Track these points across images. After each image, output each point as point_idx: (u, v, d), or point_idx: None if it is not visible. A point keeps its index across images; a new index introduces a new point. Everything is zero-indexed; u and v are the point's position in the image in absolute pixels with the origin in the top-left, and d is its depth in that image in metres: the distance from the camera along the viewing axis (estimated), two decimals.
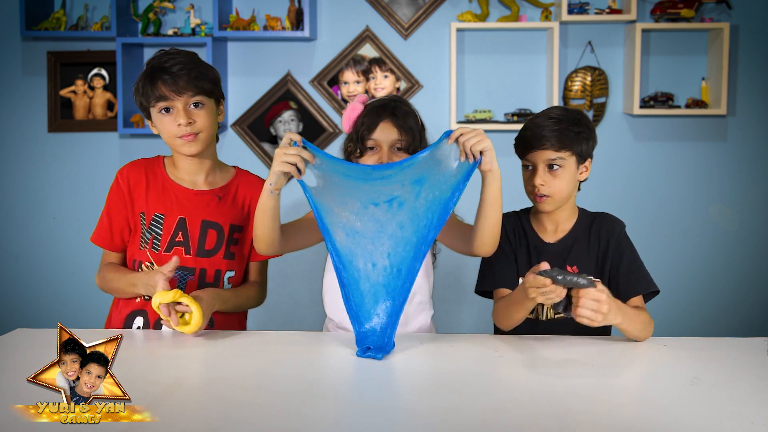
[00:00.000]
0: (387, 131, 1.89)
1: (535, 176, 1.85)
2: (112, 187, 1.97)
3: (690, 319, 3.52)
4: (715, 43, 3.39)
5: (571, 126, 1.84)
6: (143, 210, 1.94)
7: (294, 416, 1.32)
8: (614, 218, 1.96)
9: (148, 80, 1.86)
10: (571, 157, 1.85)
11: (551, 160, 1.84)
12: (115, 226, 1.96)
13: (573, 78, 3.47)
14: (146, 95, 1.87)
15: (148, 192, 1.95)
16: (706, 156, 3.53)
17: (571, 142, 1.84)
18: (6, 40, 3.58)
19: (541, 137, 1.83)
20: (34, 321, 3.47)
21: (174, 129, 1.86)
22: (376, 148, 1.90)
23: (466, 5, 3.51)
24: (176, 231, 1.93)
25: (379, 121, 1.90)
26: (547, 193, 1.85)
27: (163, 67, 1.86)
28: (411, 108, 1.97)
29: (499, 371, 1.57)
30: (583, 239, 1.91)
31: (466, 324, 3.48)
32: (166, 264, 1.79)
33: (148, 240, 1.92)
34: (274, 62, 3.57)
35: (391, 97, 1.98)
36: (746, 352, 1.71)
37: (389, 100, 1.96)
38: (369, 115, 1.92)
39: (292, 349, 1.72)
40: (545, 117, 1.87)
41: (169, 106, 1.86)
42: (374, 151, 1.90)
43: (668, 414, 1.33)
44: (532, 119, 1.90)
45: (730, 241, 3.55)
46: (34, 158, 3.61)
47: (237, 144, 3.59)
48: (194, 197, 1.96)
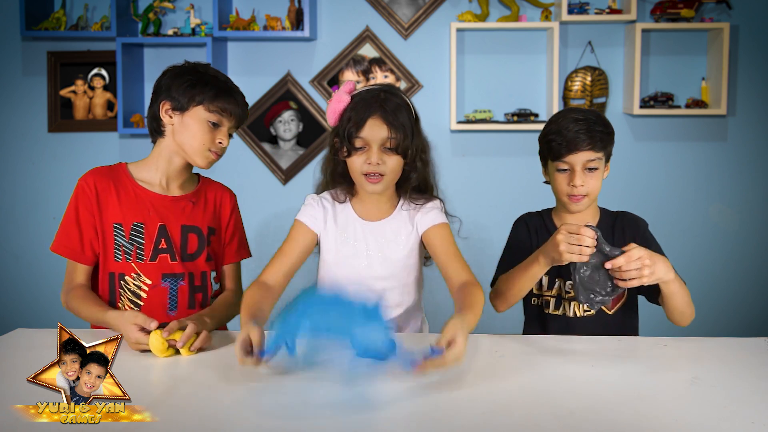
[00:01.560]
0: (376, 129, 1.75)
1: (574, 177, 1.85)
2: (77, 195, 1.91)
3: None
4: (715, 43, 3.39)
5: (600, 126, 1.85)
6: (118, 221, 1.90)
7: (293, 416, 1.32)
8: (637, 217, 1.99)
9: (222, 91, 1.87)
10: (603, 156, 1.87)
11: (590, 162, 1.83)
12: (85, 236, 1.90)
13: (573, 78, 3.47)
14: (208, 100, 1.87)
15: (120, 201, 1.91)
16: (706, 156, 3.53)
17: (604, 142, 1.85)
18: (6, 40, 3.58)
19: (580, 140, 1.82)
20: (34, 321, 3.46)
21: (211, 144, 1.89)
22: (364, 147, 1.77)
23: (466, 5, 3.51)
24: (158, 238, 1.90)
25: (367, 117, 1.75)
26: (585, 193, 1.87)
27: (234, 88, 1.91)
28: (402, 98, 1.82)
29: (499, 371, 1.57)
30: (608, 238, 1.92)
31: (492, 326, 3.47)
32: (143, 318, 1.67)
33: (131, 251, 1.90)
34: (274, 62, 3.57)
35: (381, 87, 1.82)
36: (746, 352, 1.71)
37: (379, 90, 1.80)
38: (356, 109, 1.77)
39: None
40: (572, 120, 1.84)
41: (219, 124, 1.88)
42: (363, 151, 1.77)
43: (668, 414, 1.33)
44: (555, 123, 1.86)
45: (730, 241, 3.55)
46: (34, 158, 3.61)
47: (237, 144, 3.59)
48: (171, 203, 1.94)
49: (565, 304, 1.94)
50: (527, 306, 2.02)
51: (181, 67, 1.93)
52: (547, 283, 1.95)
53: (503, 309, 1.89)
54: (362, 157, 1.77)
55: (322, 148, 3.58)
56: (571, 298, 1.93)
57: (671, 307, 1.79)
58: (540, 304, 1.97)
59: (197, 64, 1.94)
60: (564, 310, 1.94)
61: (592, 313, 1.91)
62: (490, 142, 3.52)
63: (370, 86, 1.84)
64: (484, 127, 3.45)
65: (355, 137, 1.76)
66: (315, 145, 3.59)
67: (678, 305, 1.78)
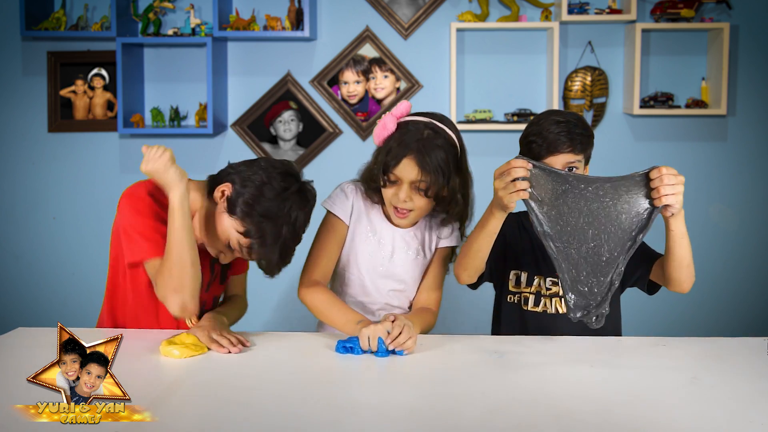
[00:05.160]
0: (409, 169, 1.80)
1: None
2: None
3: (690, 319, 3.52)
4: (715, 43, 3.39)
5: (580, 129, 1.84)
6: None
7: (293, 416, 1.32)
8: None
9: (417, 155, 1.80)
10: (583, 159, 1.86)
11: (570, 164, 1.82)
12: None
13: (573, 78, 3.47)
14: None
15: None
16: (706, 156, 3.53)
17: (584, 145, 1.84)
18: (6, 40, 3.57)
19: (560, 142, 1.81)
20: (34, 321, 3.45)
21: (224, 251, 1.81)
22: (398, 181, 1.83)
23: (466, 5, 3.51)
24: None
25: (403, 157, 1.80)
26: None
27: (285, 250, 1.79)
28: (446, 137, 1.84)
29: (499, 371, 1.57)
30: None
31: (467, 324, 3.47)
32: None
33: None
34: (274, 62, 3.57)
35: (427, 123, 1.84)
36: (746, 352, 1.71)
37: (424, 126, 1.83)
38: (397, 145, 1.81)
39: (291, 349, 1.72)
40: (553, 122, 1.83)
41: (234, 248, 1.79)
42: (395, 185, 1.83)
43: (668, 414, 1.33)
44: (537, 124, 1.86)
45: (730, 241, 3.55)
46: (34, 158, 3.61)
47: (237, 144, 3.59)
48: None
49: (546, 301, 1.92)
50: (503, 304, 1.99)
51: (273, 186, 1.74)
52: (525, 280, 1.95)
53: (465, 276, 1.84)
54: (393, 191, 1.84)
55: (322, 148, 3.58)
56: (552, 295, 1.92)
57: (678, 259, 1.70)
58: (517, 301, 1.96)
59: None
60: (545, 307, 1.93)
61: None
62: (490, 142, 3.52)
63: (418, 118, 1.86)
64: (484, 127, 3.45)
65: (389, 172, 1.82)
66: (315, 145, 3.59)
67: (685, 255, 1.70)
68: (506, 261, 1.96)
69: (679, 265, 1.71)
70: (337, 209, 1.94)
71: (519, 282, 1.95)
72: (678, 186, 1.58)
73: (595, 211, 1.63)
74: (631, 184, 1.63)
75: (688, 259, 1.71)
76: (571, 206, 1.63)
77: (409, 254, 1.96)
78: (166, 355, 1.64)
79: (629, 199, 1.62)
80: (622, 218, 1.62)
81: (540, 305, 1.93)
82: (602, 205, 1.62)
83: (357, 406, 1.38)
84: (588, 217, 1.63)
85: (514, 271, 1.96)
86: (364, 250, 1.95)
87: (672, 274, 1.73)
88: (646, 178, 1.62)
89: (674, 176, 1.58)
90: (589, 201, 1.62)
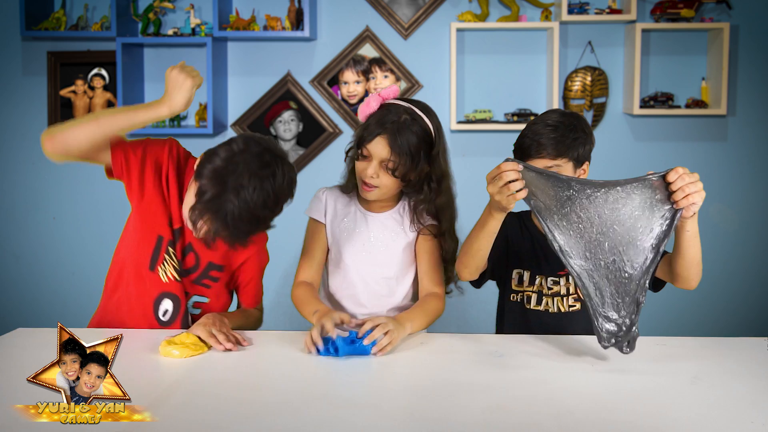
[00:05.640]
0: (380, 147, 1.87)
1: None
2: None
3: (690, 319, 3.52)
4: (715, 43, 3.39)
5: (567, 132, 1.85)
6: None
7: (293, 416, 1.32)
8: None
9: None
10: (567, 162, 1.86)
11: (548, 167, 1.83)
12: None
13: (573, 78, 3.47)
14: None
15: None
16: (706, 156, 3.53)
17: (567, 149, 1.84)
18: (6, 40, 3.58)
19: (539, 145, 1.83)
20: (34, 321, 3.46)
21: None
22: (369, 157, 1.89)
23: (466, 5, 3.51)
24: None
25: (377, 134, 1.87)
26: None
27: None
28: (423, 127, 1.89)
29: (499, 371, 1.57)
30: None
31: (471, 323, 3.47)
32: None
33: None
34: (274, 62, 3.57)
35: (408, 109, 1.90)
36: (746, 352, 1.71)
37: (403, 111, 1.89)
38: (375, 123, 1.88)
39: (291, 349, 1.72)
40: (543, 124, 1.86)
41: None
42: (366, 160, 1.90)
43: (668, 414, 1.33)
44: (530, 125, 1.89)
45: (730, 241, 3.55)
46: (34, 158, 3.61)
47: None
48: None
49: (547, 300, 1.94)
50: (506, 303, 2.00)
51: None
52: (528, 279, 1.96)
53: (466, 273, 1.84)
54: (364, 165, 1.91)
55: (322, 148, 3.58)
56: (554, 294, 1.93)
57: (690, 258, 1.68)
58: (519, 300, 1.97)
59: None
60: (547, 306, 1.94)
61: (578, 308, 1.92)
62: (490, 142, 3.52)
63: (401, 103, 1.92)
64: (484, 127, 3.45)
65: (363, 146, 1.90)
66: (315, 145, 3.59)
67: (697, 254, 1.69)
68: (508, 260, 1.97)
69: (690, 263, 1.70)
70: (314, 212, 2.04)
71: (521, 281, 1.96)
72: (699, 184, 1.57)
73: (607, 221, 1.57)
74: (645, 187, 1.57)
75: (699, 257, 1.71)
76: (580, 215, 1.58)
77: (387, 235, 1.99)
78: (166, 355, 1.64)
79: (643, 204, 1.57)
80: (637, 225, 1.57)
81: (542, 304, 1.94)
82: (614, 211, 1.57)
83: (357, 406, 1.38)
84: (601, 227, 1.57)
85: (516, 270, 1.97)
86: (345, 241, 2.00)
87: (682, 272, 1.72)
88: (662, 181, 1.57)
89: (693, 175, 1.57)
90: (599, 208, 1.57)
